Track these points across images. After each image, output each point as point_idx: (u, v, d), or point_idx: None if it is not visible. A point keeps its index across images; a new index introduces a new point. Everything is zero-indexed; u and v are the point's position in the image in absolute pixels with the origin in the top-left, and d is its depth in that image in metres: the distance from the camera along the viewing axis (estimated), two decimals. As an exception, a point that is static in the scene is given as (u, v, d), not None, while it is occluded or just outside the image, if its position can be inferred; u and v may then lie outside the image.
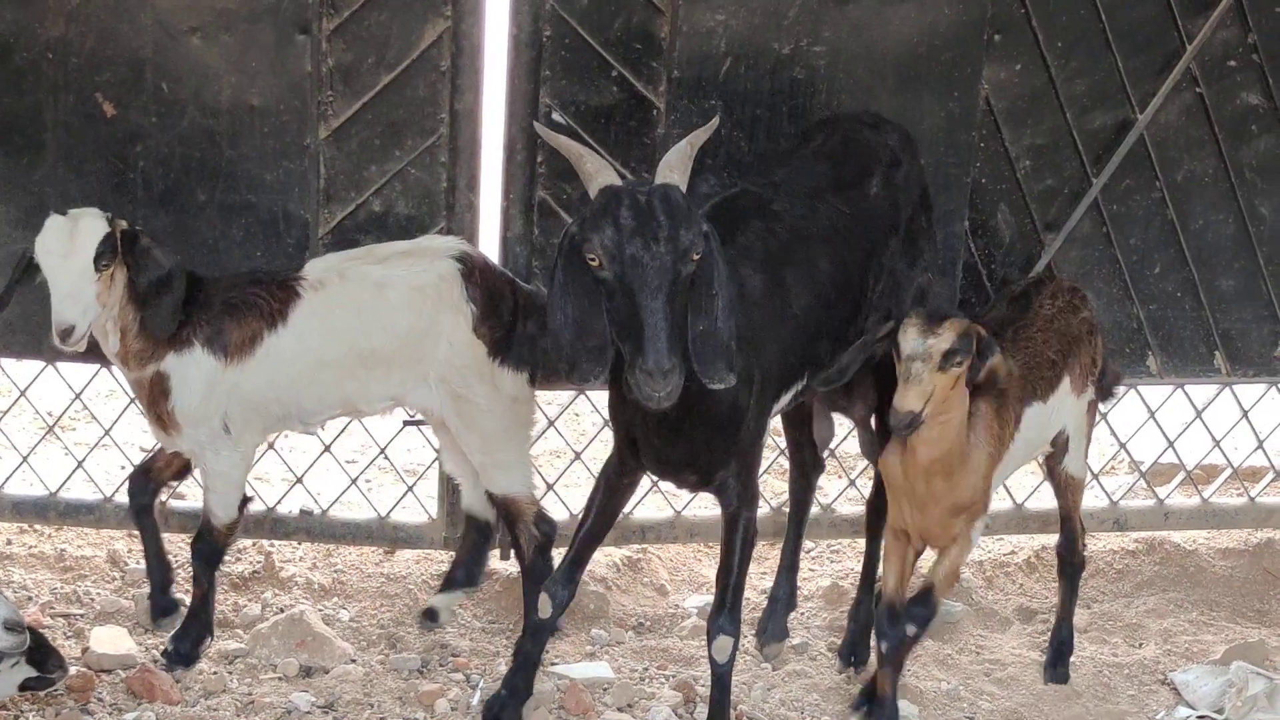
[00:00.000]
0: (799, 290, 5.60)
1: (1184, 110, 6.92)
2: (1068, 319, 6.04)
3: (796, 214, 5.75)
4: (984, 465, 5.60)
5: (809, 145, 6.07)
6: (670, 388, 4.84)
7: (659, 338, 4.83)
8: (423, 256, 6.02)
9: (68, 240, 5.53)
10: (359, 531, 6.95)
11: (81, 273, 5.51)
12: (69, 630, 6.30)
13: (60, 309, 5.50)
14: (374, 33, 6.27)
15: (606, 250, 4.92)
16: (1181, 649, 6.72)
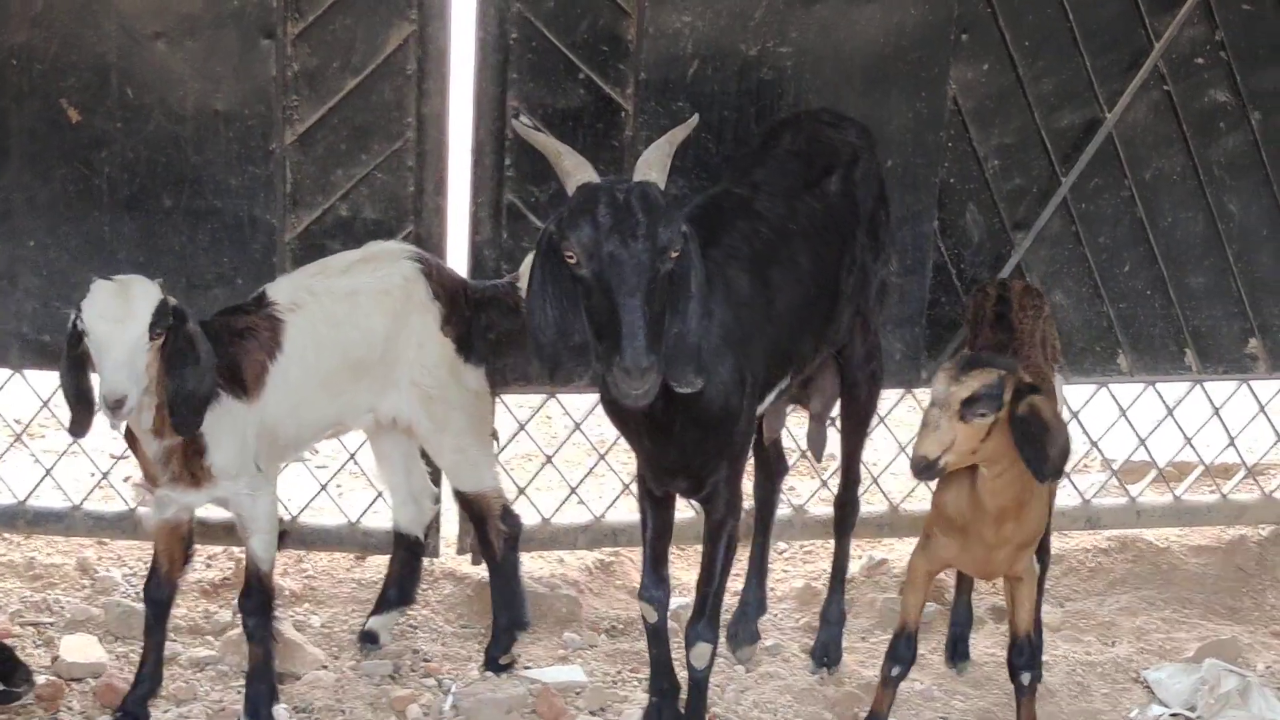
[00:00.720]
0: (784, 289, 5.59)
1: (1152, 108, 6.94)
2: (1038, 324, 6.02)
3: (778, 213, 5.74)
4: (1046, 495, 5.58)
5: (780, 145, 6.05)
6: (647, 386, 4.82)
7: (636, 335, 4.80)
8: (381, 261, 6.00)
9: (122, 305, 5.18)
10: (329, 537, 6.93)
11: (137, 340, 5.16)
12: (39, 639, 6.27)
13: (114, 379, 5.10)
14: (339, 37, 6.26)
15: (584, 248, 4.88)
16: (1154, 647, 6.72)
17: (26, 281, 6.38)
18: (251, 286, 6.35)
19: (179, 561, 5.80)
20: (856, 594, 6.94)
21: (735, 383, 5.34)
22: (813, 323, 5.79)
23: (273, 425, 5.68)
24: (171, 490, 5.57)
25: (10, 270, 6.37)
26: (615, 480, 7.46)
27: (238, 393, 5.55)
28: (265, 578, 5.77)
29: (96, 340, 5.15)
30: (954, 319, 6.92)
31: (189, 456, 5.49)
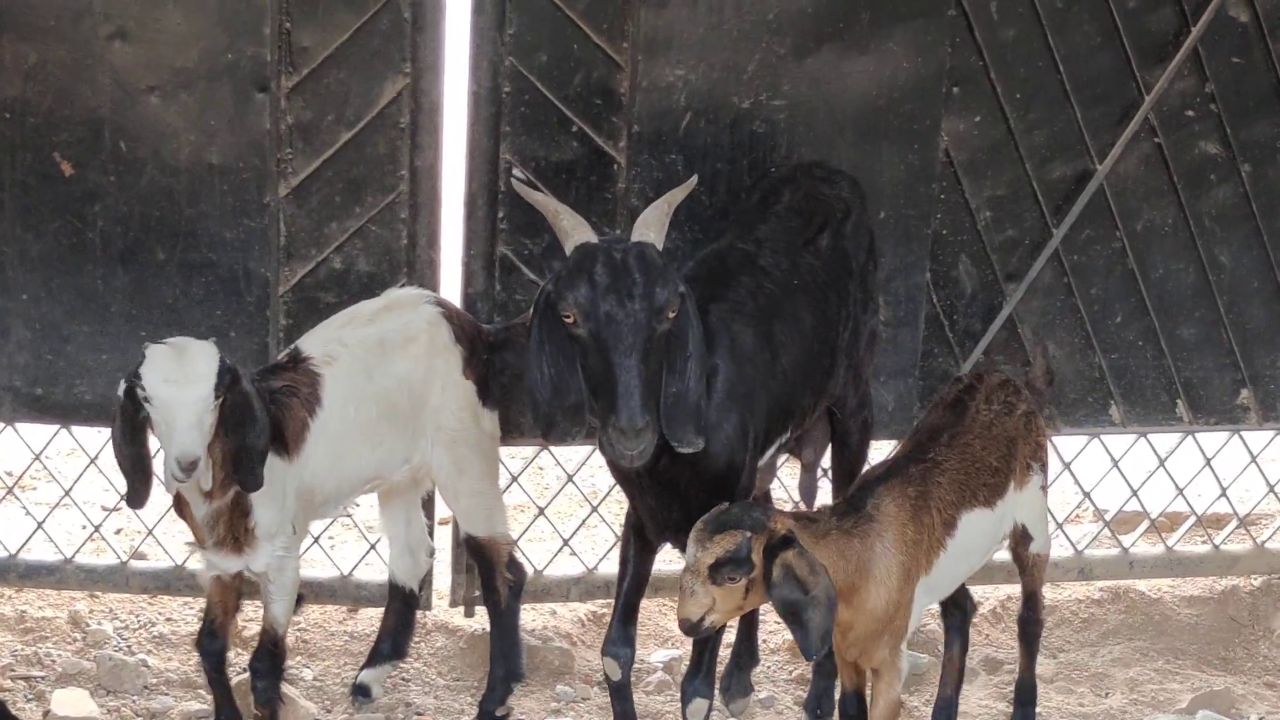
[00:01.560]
0: (787, 345, 5.62)
1: (1143, 160, 6.95)
2: (1004, 421, 5.71)
3: (782, 269, 5.77)
4: (895, 576, 5.21)
5: (781, 202, 6.07)
6: (643, 446, 4.87)
7: (631, 396, 4.84)
8: (403, 307, 6.01)
9: (185, 367, 5.12)
10: (321, 590, 6.91)
11: (204, 401, 5.11)
12: (30, 693, 6.25)
13: (185, 441, 5.05)
14: (333, 90, 6.26)
15: (580, 307, 4.93)
16: (1148, 698, 6.71)
17: (19, 334, 6.37)
18: (245, 339, 6.38)
19: (232, 611, 5.81)
20: (850, 646, 6.91)
21: (739, 438, 5.35)
22: (814, 378, 5.80)
23: (312, 483, 5.67)
24: (215, 555, 5.57)
25: (2, 323, 6.36)
26: (608, 532, 7.46)
27: (279, 451, 5.53)
28: (280, 641, 5.78)
29: (162, 405, 5.10)
30: (947, 370, 6.92)
31: (235, 519, 5.48)
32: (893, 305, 6.77)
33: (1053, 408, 5.92)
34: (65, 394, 6.43)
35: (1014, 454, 5.70)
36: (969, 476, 5.49)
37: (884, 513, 5.20)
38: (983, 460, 5.57)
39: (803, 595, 4.86)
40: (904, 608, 5.26)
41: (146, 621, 6.81)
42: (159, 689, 6.36)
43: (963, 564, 5.56)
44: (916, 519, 5.27)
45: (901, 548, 5.21)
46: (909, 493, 5.28)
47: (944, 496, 5.38)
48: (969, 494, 5.48)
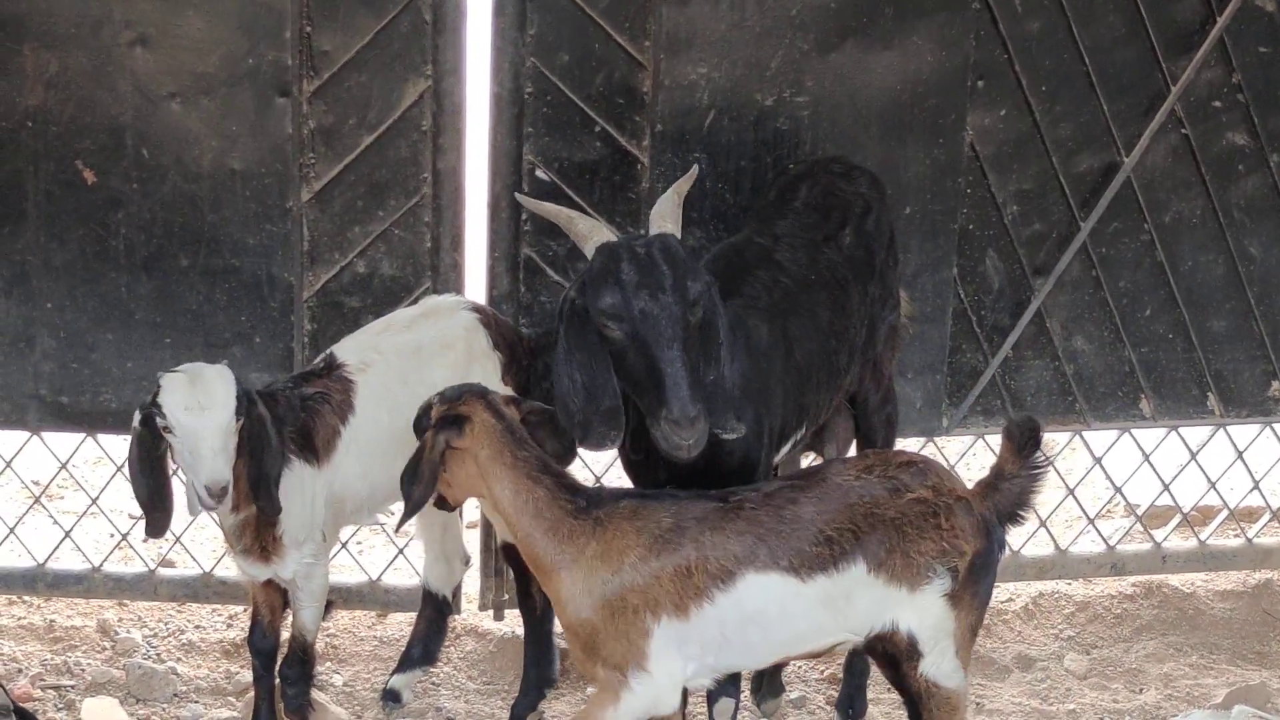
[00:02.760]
0: (803, 340, 5.59)
1: (1170, 152, 6.91)
2: (875, 495, 4.96)
3: (799, 264, 5.75)
4: (593, 591, 4.95)
5: (798, 198, 6.05)
6: (698, 435, 4.85)
7: (680, 386, 4.83)
8: (440, 314, 5.98)
9: (204, 394, 5.11)
10: (350, 595, 6.90)
11: (227, 424, 5.11)
12: (60, 702, 6.25)
13: (213, 467, 5.06)
14: (354, 94, 6.26)
15: (612, 311, 4.92)
16: (1183, 693, 6.67)
17: (44, 343, 6.37)
18: (269, 345, 6.37)
19: (279, 609, 5.81)
20: (881, 644, 6.89)
21: (755, 434, 5.33)
22: (830, 375, 5.77)
23: (342, 490, 5.65)
24: (243, 562, 5.58)
25: (27, 332, 6.37)
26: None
27: (309, 458, 5.53)
28: (309, 648, 5.78)
29: (186, 433, 5.09)
30: (975, 366, 6.89)
31: (261, 528, 5.47)
32: (920, 301, 6.74)
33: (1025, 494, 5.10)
34: (91, 402, 6.43)
35: (879, 537, 4.92)
36: (774, 535, 4.91)
37: (610, 522, 4.95)
38: (807, 524, 4.93)
39: (412, 470, 4.93)
40: (621, 639, 4.93)
41: (175, 629, 6.81)
42: (188, 697, 6.36)
43: (756, 632, 4.97)
44: (655, 549, 4.89)
45: (614, 566, 4.91)
46: (660, 519, 4.93)
47: (722, 544, 4.90)
48: (765, 552, 4.90)
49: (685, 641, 4.93)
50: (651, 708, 4.99)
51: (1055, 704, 6.57)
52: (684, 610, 4.89)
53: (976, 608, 5.03)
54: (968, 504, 4.98)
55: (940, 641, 4.98)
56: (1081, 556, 7.40)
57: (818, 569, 4.90)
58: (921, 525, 4.93)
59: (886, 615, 4.96)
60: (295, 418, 5.49)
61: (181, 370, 5.18)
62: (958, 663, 5.01)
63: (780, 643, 5.03)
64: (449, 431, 4.92)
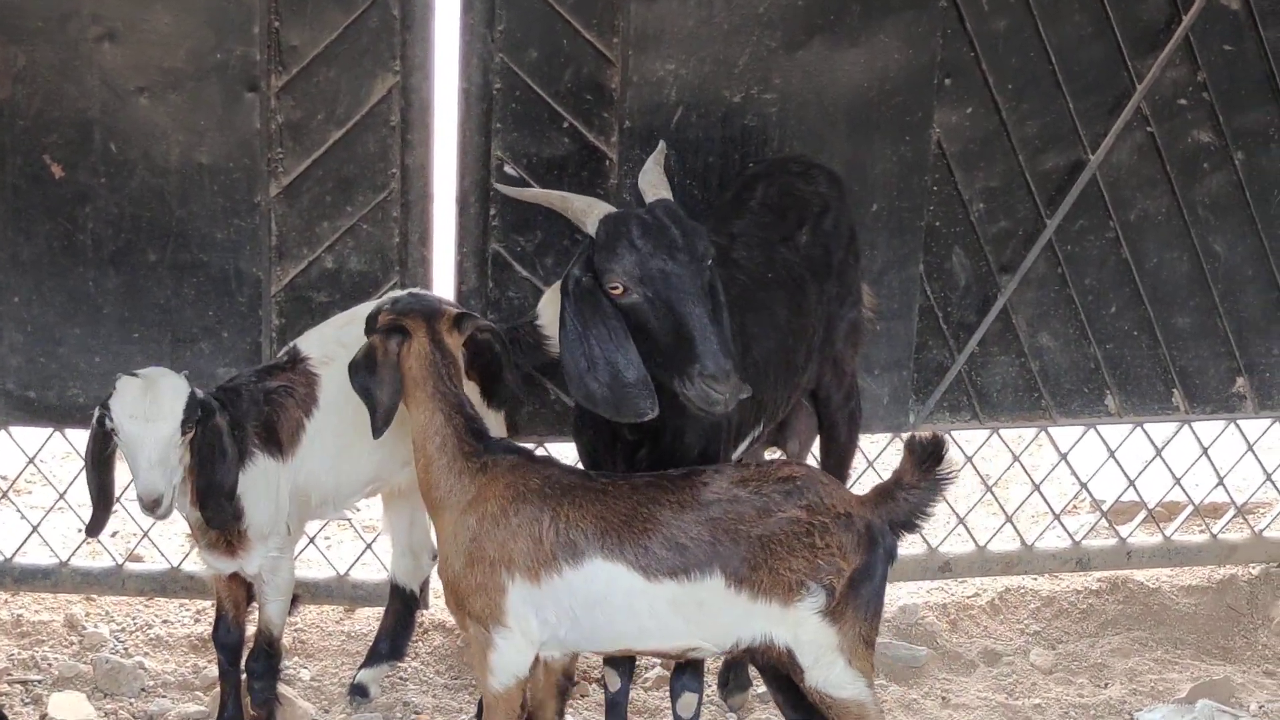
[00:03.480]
0: (760, 338, 5.62)
1: (1136, 150, 6.95)
2: (741, 510, 4.92)
3: (755, 263, 5.77)
4: (463, 541, 5.02)
5: (754, 197, 6.07)
6: (733, 389, 4.87)
7: (712, 340, 4.87)
8: None
9: (153, 403, 5.13)
10: (318, 590, 6.90)
11: (169, 438, 5.13)
12: (27, 697, 6.25)
13: (149, 479, 5.08)
14: (323, 89, 6.26)
15: (631, 274, 4.94)
16: (1147, 688, 6.71)
17: (11, 337, 6.36)
18: (237, 340, 6.36)
19: (243, 604, 5.81)
20: (848, 639, 6.90)
21: (713, 428, 5.34)
22: (787, 373, 5.80)
23: (307, 484, 5.66)
24: (208, 556, 5.60)
25: (-6, 326, 6.37)
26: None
27: (273, 452, 5.55)
28: (276, 642, 5.78)
29: (128, 440, 5.13)
30: (941, 363, 6.92)
31: None
32: (886, 298, 6.77)
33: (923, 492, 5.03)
34: (58, 397, 6.43)
35: (748, 557, 4.87)
36: (627, 528, 4.92)
37: (488, 473, 5.03)
38: (661, 526, 4.91)
39: (369, 375, 5.03)
40: (480, 591, 4.99)
41: (143, 624, 6.81)
42: (156, 691, 6.36)
43: (602, 618, 4.98)
44: (515, 506, 4.97)
45: (480, 514, 4.99)
46: (530, 480, 5.00)
47: (577, 520, 4.94)
48: (614, 542, 4.91)
49: (540, 607, 4.97)
50: (518, 666, 5.06)
51: (1021, 698, 6.60)
52: (535, 575, 4.94)
53: (865, 618, 4.96)
54: (848, 520, 4.92)
55: (822, 655, 4.94)
56: (1047, 552, 7.44)
57: (665, 573, 4.90)
58: (793, 544, 4.88)
59: (756, 629, 4.94)
60: (259, 411, 5.51)
61: (139, 375, 5.20)
62: (853, 672, 4.97)
63: (626, 635, 5.04)
64: (393, 340, 5.03)
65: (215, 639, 5.82)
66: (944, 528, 7.54)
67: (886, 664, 6.75)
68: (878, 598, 5.01)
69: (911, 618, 7.04)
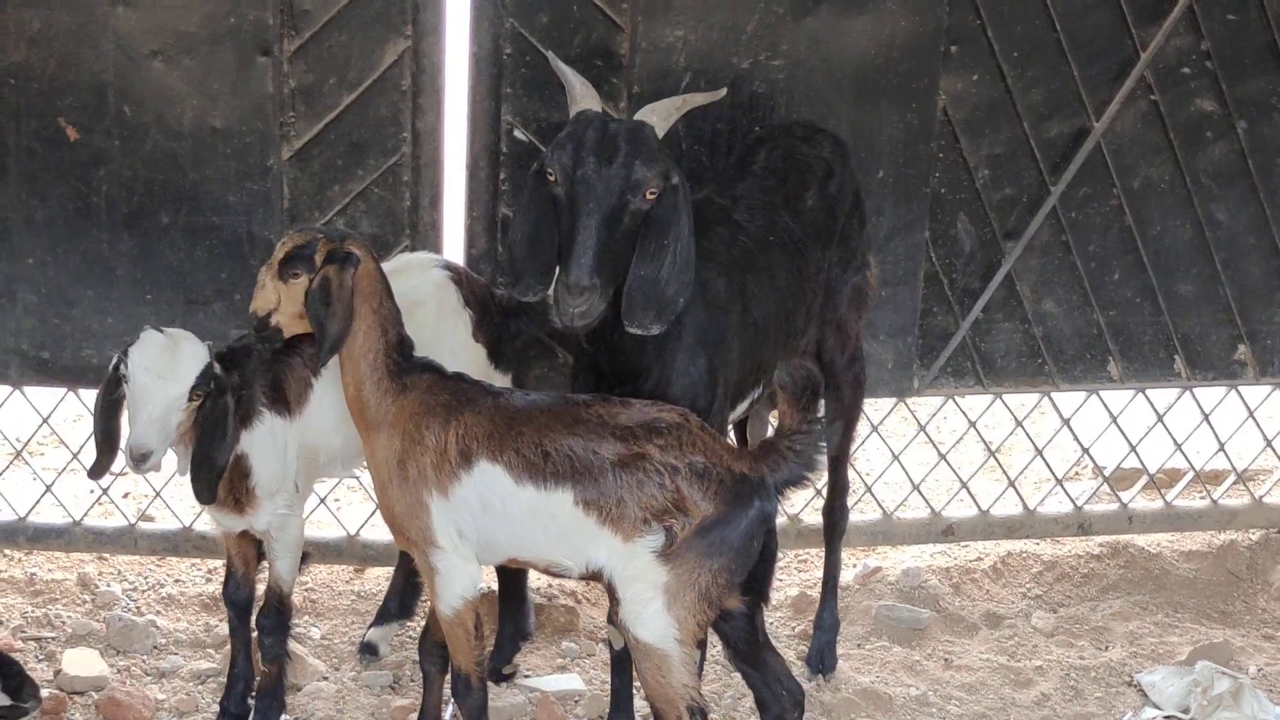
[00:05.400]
0: (760, 298, 5.66)
1: (1139, 118, 6.98)
2: (605, 437, 4.95)
3: (757, 225, 5.81)
4: (393, 455, 5.09)
5: (757, 161, 6.11)
6: (584, 307, 5.02)
7: (585, 254, 5.00)
8: (412, 271, 5.99)
9: (169, 362, 5.17)
10: (328, 550, 6.96)
11: (176, 399, 5.16)
12: (41, 654, 6.30)
13: (144, 432, 5.12)
14: (335, 54, 6.29)
15: (563, 167, 5.12)
16: (1147, 651, 6.76)
17: (25, 299, 6.41)
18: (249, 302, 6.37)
19: (253, 561, 5.85)
20: (851, 601, 6.97)
21: (706, 383, 5.40)
22: (786, 336, 5.85)
23: (315, 442, 5.69)
24: (217, 513, 5.63)
25: (9, 288, 6.41)
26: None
27: (280, 410, 5.59)
28: (285, 598, 5.79)
29: (135, 390, 5.17)
30: (946, 329, 6.97)
31: (234, 479, 5.52)
32: (891, 264, 6.80)
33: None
34: (72, 358, 6.48)
35: (599, 482, 4.91)
36: (507, 430, 5.00)
37: (408, 390, 5.09)
38: (534, 430, 4.99)
39: (324, 308, 5.00)
40: (410, 514, 5.08)
41: (155, 583, 6.87)
42: (168, 649, 6.41)
43: (487, 523, 5.04)
44: (426, 422, 5.04)
45: (401, 433, 5.07)
46: (439, 395, 5.08)
47: (472, 427, 5.01)
48: (496, 444, 4.98)
49: (456, 520, 5.05)
50: (462, 586, 5.13)
51: (1022, 660, 6.65)
52: (444, 489, 5.02)
53: (710, 571, 4.89)
54: (704, 469, 4.87)
55: (643, 591, 4.89)
56: (1049, 517, 7.49)
57: (527, 477, 4.95)
58: (643, 480, 4.88)
59: (597, 555, 4.96)
60: (267, 370, 5.57)
61: (166, 332, 5.24)
62: (668, 619, 4.89)
63: (506, 542, 5.09)
64: (347, 268, 5.03)
65: (225, 596, 5.88)
66: (947, 492, 7.60)
67: (890, 626, 6.81)
68: (736, 556, 4.93)
69: (915, 581, 7.09)
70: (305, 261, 5.06)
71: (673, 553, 4.86)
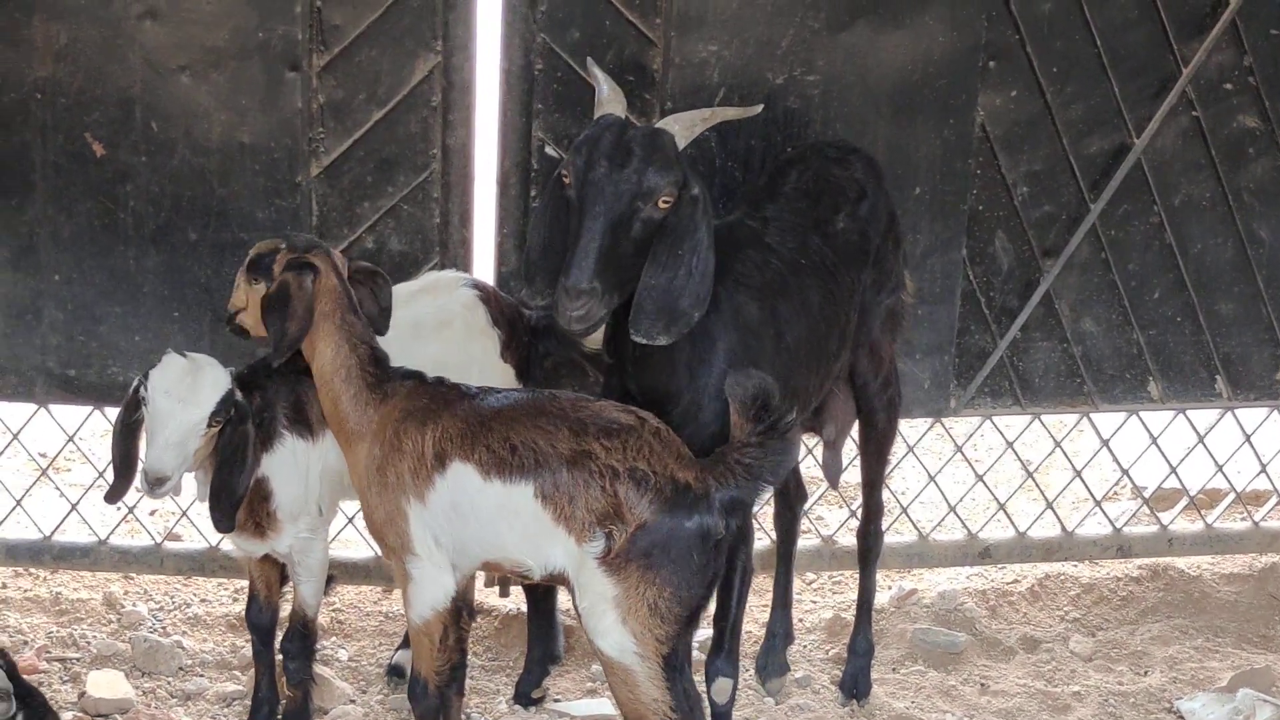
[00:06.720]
0: (792, 322, 5.58)
1: (1181, 134, 6.89)
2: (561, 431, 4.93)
3: (789, 248, 5.74)
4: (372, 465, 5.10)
5: (788, 182, 6.02)
6: (582, 311, 4.99)
7: (585, 257, 4.97)
8: (438, 290, 5.96)
9: (190, 386, 5.15)
10: (356, 570, 6.90)
11: (194, 424, 5.14)
12: (65, 674, 6.26)
13: (160, 457, 5.10)
14: (364, 69, 6.24)
15: (576, 170, 5.11)
16: (1187, 676, 6.68)
17: (51, 315, 6.37)
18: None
19: (276, 584, 5.82)
20: (886, 624, 6.89)
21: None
22: (819, 360, 5.76)
23: (338, 464, 5.61)
24: (238, 537, 5.59)
25: (35, 304, 6.37)
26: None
27: (302, 432, 5.55)
28: (310, 623, 5.76)
29: (154, 413, 5.14)
30: (983, 348, 6.89)
31: (254, 503, 5.47)
32: (928, 282, 6.73)
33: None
34: (98, 375, 6.44)
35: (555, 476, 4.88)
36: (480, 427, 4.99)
37: (389, 399, 5.11)
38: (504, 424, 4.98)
39: (279, 314, 5.05)
40: (389, 522, 5.09)
41: (181, 603, 6.82)
42: (194, 670, 6.37)
43: (459, 524, 5.03)
44: (404, 428, 5.05)
45: (381, 440, 5.08)
46: (418, 400, 5.09)
47: (449, 428, 5.01)
48: (469, 442, 4.97)
49: (432, 527, 5.05)
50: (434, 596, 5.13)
51: (1060, 685, 6.57)
52: (421, 495, 5.03)
53: (655, 584, 4.82)
54: (644, 475, 4.81)
55: (596, 603, 4.87)
56: (1088, 538, 7.40)
57: (495, 473, 4.94)
58: (588, 480, 4.85)
59: (554, 554, 4.94)
60: (289, 391, 5.52)
61: (189, 356, 5.23)
62: (625, 632, 4.85)
63: (476, 543, 5.06)
64: (306, 276, 5.08)
65: (248, 619, 5.84)
66: (984, 513, 7.51)
67: (925, 650, 6.73)
68: (677, 570, 4.85)
69: (951, 604, 7.01)
70: (264, 270, 5.16)
71: (614, 562, 4.83)
